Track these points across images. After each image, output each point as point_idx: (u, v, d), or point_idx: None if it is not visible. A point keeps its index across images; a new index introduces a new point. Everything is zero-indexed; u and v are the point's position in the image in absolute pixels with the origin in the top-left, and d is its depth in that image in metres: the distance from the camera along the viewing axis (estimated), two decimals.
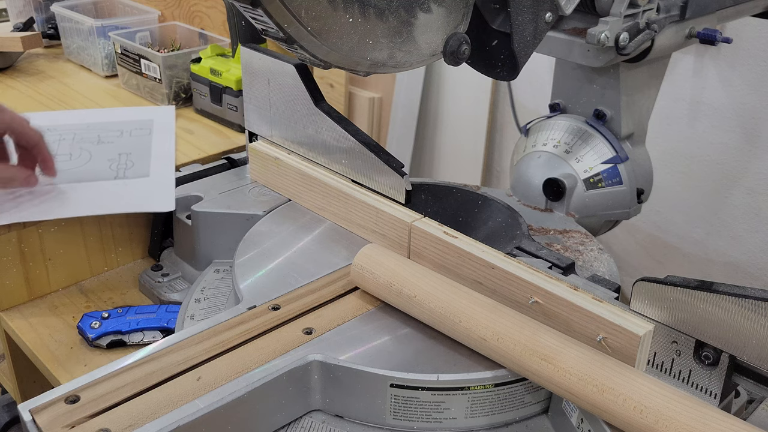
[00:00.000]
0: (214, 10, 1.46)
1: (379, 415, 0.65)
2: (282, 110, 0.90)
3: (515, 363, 0.62)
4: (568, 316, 0.64)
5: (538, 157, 1.00)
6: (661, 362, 0.62)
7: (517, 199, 1.00)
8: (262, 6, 0.54)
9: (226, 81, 1.17)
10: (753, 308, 0.55)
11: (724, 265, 1.58)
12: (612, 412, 0.57)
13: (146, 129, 1.14)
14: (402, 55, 0.64)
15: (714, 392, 0.59)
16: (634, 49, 0.84)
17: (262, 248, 0.81)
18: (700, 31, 0.92)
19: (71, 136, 1.10)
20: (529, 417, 0.68)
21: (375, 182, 0.82)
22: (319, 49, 0.59)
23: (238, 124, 1.18)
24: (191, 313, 0.81)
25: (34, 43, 1.42)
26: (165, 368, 0.63)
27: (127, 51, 1.33)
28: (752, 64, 1.43)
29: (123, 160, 1.03)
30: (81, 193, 0.94)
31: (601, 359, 0.60)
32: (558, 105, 1.04)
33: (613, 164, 0.97)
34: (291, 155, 0.91)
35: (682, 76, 1.53)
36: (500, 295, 0.69)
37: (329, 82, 2.04)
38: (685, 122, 1.56)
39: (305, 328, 0.68)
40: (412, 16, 0.62)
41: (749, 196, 1.50)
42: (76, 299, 0.94)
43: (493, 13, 0.69)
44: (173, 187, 0.95)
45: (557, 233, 0.91)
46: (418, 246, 0.76)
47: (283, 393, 0.63)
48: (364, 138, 0.82)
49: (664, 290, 0.60)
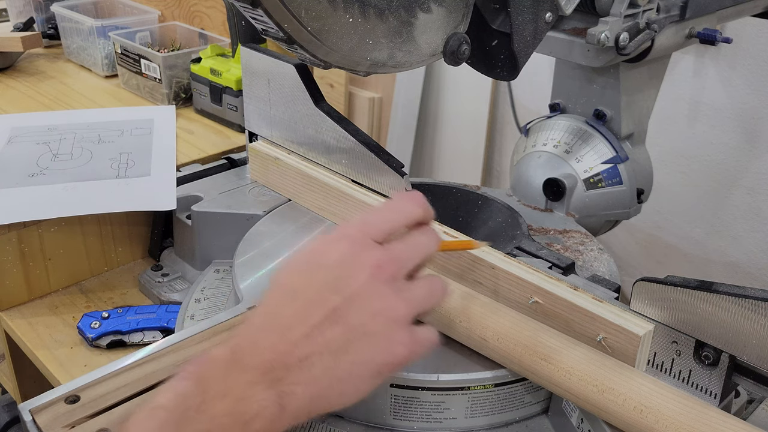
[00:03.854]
0: (214, 10, 1.46)
1: (379, 415, 0.65)
2: (282, 110, 0.90)
3: (515, 363, 0.63)
4: (568, 316, 0.64)
5: (538, 157, 1.00)
6: (661, 362, 0.62)
7: (517, 199, 1.00)
8: (262, 6, 0.54)
9: (226, 81, 1.17)
10: (753, 308, 0.55)
11: (724, 265, 1.58)
12: (612, 412, 0.57)
13: (147, 128, 1.14)
14: (402, 55, 0.64)
15: (714, 392, 0.59)
16: (634, 49, 0.84)
17: (262, 248, 0.81)
18: (700, 31, 0.92)
19: (72, 136, 1.10)
20: (529, 417, 0.68)
21: (375, 182, 0.82)
22: (319, 49, 0.59)
23: (238, 124, 1.18)
24: (191, 313, 0.81)
25: (34, 43, 1.42)
26: (165, 368, 0.63)
27: (127, 51, 1.33)
28: (752, 64, 1.43)
29: (124, 159, 1.03)
30: (82, 192, 0.94)
31: (601, 359, 0.60)
32: (558, 105, 1.04)
33: (613, 164, 0.97)
34: (291, 155, 0.91)
35: (682, 76, 1.52)
36: (500, 295, 0.69)
37: (329, 82, 2.04)
38: (685, 122, 1.56)
39: None
40: (412, 16, 0.62)
41: (749, 196, 1.50)
42: (76, 299, 0.94)
43: (493, 13, 0.69)
44: (174, 185, 0.95)
45: (557, 233, 0.91)
46: None
47: None
48: (364, 138, 0.82)
49: (664, 290, 0.60)
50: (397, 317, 0.52)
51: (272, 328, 0.51)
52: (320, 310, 0.51)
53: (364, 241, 0.55)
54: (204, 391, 0.47)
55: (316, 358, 0.50)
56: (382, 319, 0.52)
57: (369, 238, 0.55)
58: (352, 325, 0.51)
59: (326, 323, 0.51)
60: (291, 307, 0.52)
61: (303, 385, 0.49)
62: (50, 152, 1.04)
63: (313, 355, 0.50)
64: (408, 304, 0.53)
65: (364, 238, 0.55)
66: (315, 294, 0.52)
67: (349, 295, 0.52)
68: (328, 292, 0.52)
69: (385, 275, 0.53)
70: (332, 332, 0.51)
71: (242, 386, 0.47)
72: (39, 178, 0.97)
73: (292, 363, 0.49)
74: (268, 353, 0.49)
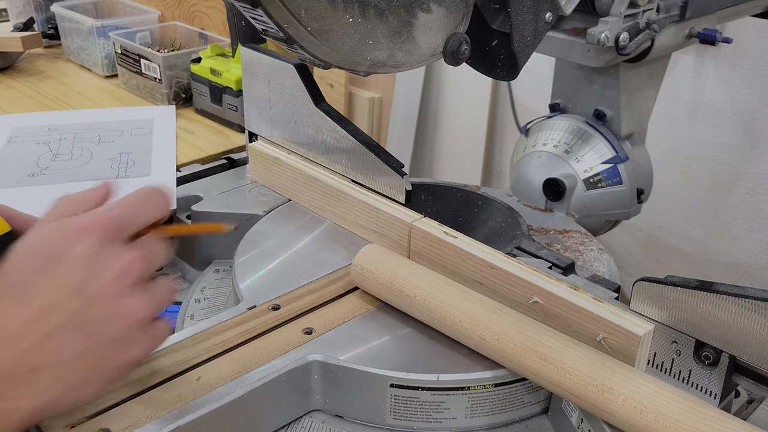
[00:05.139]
0: (214, 10, 1.46)
1: (379, 415, 0.65)
2: (282, 110, 0.90)
3: (515, 363, 0.62)
4: (568, 316, 0.64)
5: (538, 157, 1.00)
6: (661, 362, 0.62)
7: (517, 199, 1.00)
8: (262, 6, 0.54)
9: (226, 81, 1.17)
10: (753, 308, 0.55)
11: (724, 265, 1.58)
12: (612, 412, 0.57)
13: (147, 128, 1.14)
14: (402, 55, 0.64)
15: (714, 392, 0.59)
16: (634, 49, 0.84)
17: (262, 248, 0.81)
18: (700, 31, 0.92)
19: (72, 136, 1.10)
20: (529, 417, 0.68)
21: (375, 182, 0.82)
22: (319, 49, 0.59)
23: (238, 124, 1.18)
24: (191, 313, 0.81)
25: (34, 43, 1.42)
26: (165, 368, 0.63)
27: (127, 51, 1.33)
28: (752, 64, 1.43)
29: (124, 159, 1.03)
30: None
31: (601, 359, 0.60)
32: (558, 105, 1.05)
33: (613, 164, 0.97)
34: (291, 155, 0.91)
35: (682, 76, 1.52)
36: (500, 295, 0.69)
37: (329, 82, 2.04)
38: (685, 122, 1.56)
39: (305, 328, 0.68)
40: (412, 16, 0.62)
41: (749, 196, 1.50)
42: None
43: (493, 13, 0.69)
44: (174, 185, 0.96)
45: (557, 233, 0.91)
46: (418, 246, 0.76)
47: (283, 393, 0.63)
48: (364, 138, 0.82)
49: (664, 290, 0.60)
50: (138, 319, 0.51)
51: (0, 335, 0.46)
52: (58, 316, 0.48)
53: (113, 235, 0.51)
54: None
55: (47, 369, 0.46)
56: (123, 322, 0.50)
57: (118, 232, 0.52)
58: (91, 331, 0.49)
59: (63, 330, 0.48)
60: (25, 312, 0.47)
61: (28, 398, 0.46)
62: (50, 152, 1.04)
63: (43, 366, 0.46)
64: (149, 306, 0.52)
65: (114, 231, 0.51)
66: (54, 297, 0.48)
67: (92, 296, 0.49)
68: (69, 295, 0.48)
69: (132, 276, 0.51)
70: (69, 340, 0.48)
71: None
72: (39, 178, 0.97)
73: (18, 376, 0.45)
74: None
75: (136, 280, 0.51)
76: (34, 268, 0.49)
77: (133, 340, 0.51)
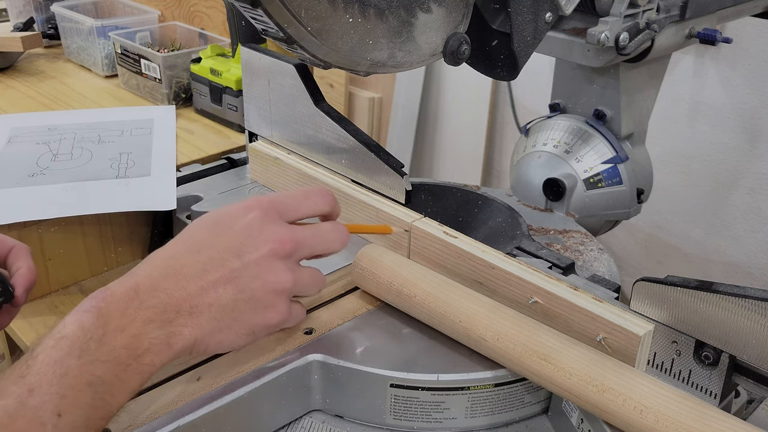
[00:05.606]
0: (214, 10, 1.46)
1: (379, 415, 0.65)
2: (282, 110, 0.90)
3: (515, 363, 0.62)
4: (568, 316, 0.64)
5: (538, 157, 1.00)
6: (661, 362, 0.62)
7: (517, 199, 1.00)
8: (262, 6, 0.54)
9: (226, 81, 1.17)
10: (753, 308, 0.55)
11: (724, 265, 1.58)
12: (612, 412, 0.57)
13: (147, 128, 1.14)
14: (402, 55, 0.64)
15: (714, 392, 0.59)
16: (634, 49, 0.84)
17: None
18: (700, 31, 0.92)
19: (72, 136, 1.10)
20: (529, 417, 0.68)
21: (375, 182, 0.82)
22: (319, 49, 0.59)
23: (238, 124, 1.18)
24: None
25: (34, 43, 1.41)
26: (165, 368, 0.63)
27: (127, 51, 1.33)
28: (752, 64, 1.43)
29: (124, 159, 1.03)
30: (82, 192, 0.94)
31: (601, 359, 0.60)
32: (558, 105, 1.05)
33: (613, 164, 0.97)
34: (291, 155, 0.91)
35: (682, 76, 1.53)
36: (500, 295, 0.69)
37: (329, 82, 2.04)
38: (685, 122, 1.56)
39: (305, 328, 0.68)
40: (412, 16, 0.62)
41: (749, 196, 1.50)
42: (76, 299, 0.94)
43: (493, 13, 0.69)
44: (174, 185, 0.95)
45: (557, 233, 0.91)
46: (418, 246, 0.76)
47: (283, 393, 0.63)
48: (364, 138, 0.82)
49: (664, 290, 0.60)
50: (282, 290, 0.60)
51: (172, 275, 0.56)
52: (219, 269, 0.57)
53: (273, 216, 0.61)
54: (104, 324, 0.52)
55: (205, 308, 0.56)
56: (269, 288, 0.59)
57: (278, 214, 0.61)
58: (242, 287, 0.58)
59: (221, 281, 0.57)
60: (193, 260, 0.57)
61: (189, 328, 0.55)
62: (50, 152, 1.04)
63: (202, 305, 0.56)
64: (294, 283, 0.60)
65: (275, 213, 0.61)
66: (218, 253, 0.58)
67: (247, 261, 0.58)
68: (229, 255, 0.58)
69: (283, 252, 0.60)
70: (224, 290, 0.57)
71: (138, 323, 0.53)
72: (39, 178, 0.97)
73: (183, 308, 0.55)
74: (164, 297, 0.55)
75: (286, 256, 0.60)
76: (207, 230, 0.60)
77: (273, 307, 0.60)
